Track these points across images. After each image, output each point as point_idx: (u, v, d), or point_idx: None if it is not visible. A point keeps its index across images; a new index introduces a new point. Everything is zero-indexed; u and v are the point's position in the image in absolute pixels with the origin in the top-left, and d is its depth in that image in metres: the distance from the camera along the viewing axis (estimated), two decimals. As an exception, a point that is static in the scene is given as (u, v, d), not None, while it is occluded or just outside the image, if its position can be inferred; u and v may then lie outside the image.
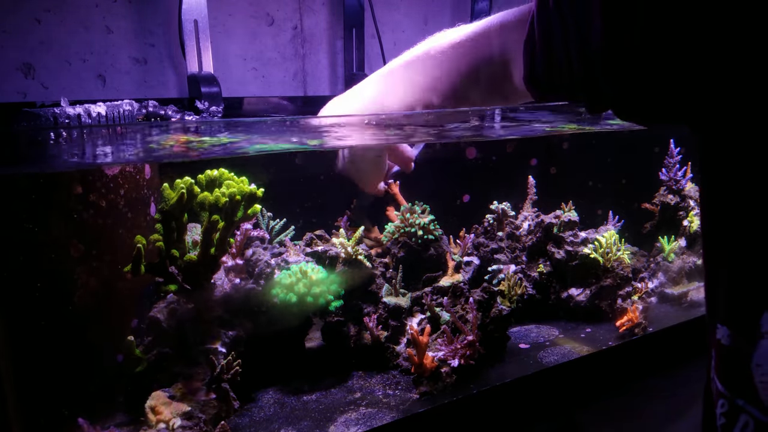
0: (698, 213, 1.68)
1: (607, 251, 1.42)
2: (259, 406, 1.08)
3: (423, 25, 1.73)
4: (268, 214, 1.36)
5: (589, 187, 1.96)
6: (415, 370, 1.11)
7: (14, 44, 1.23)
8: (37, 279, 0.94)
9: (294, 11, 1.56)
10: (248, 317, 1.10)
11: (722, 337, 0.47)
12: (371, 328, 1.19)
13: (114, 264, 1.01)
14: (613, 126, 0.91)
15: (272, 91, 1.55)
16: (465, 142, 1.62)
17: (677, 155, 1.70)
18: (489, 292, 1.20)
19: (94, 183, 1.00)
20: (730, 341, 0.46)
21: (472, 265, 1.43)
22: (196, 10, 1.34)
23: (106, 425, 0.94)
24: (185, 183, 0.99)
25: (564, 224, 1.46)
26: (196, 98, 1.28)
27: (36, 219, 0.93)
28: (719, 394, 0.48)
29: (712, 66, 0.43)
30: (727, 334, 0.46)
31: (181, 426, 0.89)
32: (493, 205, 1.53)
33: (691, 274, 1.62)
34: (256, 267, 1.15)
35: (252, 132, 0.75)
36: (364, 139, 0.84)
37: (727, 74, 0.42)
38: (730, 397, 0.46)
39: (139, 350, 1.01)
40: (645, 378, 1.30)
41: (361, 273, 1.24)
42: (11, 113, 1.12)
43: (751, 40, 0.39)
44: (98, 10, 1.30)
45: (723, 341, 0.47)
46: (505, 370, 1.18)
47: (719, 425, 0.48)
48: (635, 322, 1.31)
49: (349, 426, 1.00)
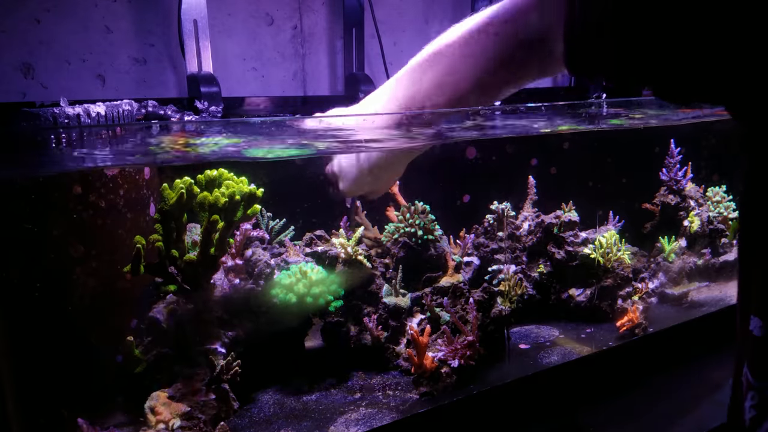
0: (698, 213, 1.68)
1: (608, 251, 1.41)
2: (258, 406, 1.08)
3: (423, 25, 1.73)
4: (267, 215, 1.35)
5: (589, 187, 1.96)
6: (415, 371, 1.11)
7: (14, 44, 1.23)
8: (37, 279, 0.94)
9: (294, 11, 1.55)
10: (248, 317, 1.10)
11: (755, 328, 0.46)
12: (371, 329, 1.19)
13: (113, 264, 1.01)
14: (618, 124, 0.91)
15: (272, 91, 1.55)
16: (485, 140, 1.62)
17: (677, 155, 1.69)
18: (489, 293, 1.20)
19: (94, 183, 1.00)
20: (762, 332, 0.45)
21: (472, 266, 1.43)
22: (196, 10, 1.34)
23: (106, 425, 0.94)
24: (185, 183, 0.99)
25: (564, 224, 1.46)
26: (195, 98, 1.27)
27: (36, 219, 0.93)
28: (749, 386, 0.47)
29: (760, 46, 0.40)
30: (760, 325, 0.46)
31: (181, 426, 0.89)
32: (493, 205, 1.53)
33: (692, 274, 1.62)
34: (256, 267, 1.15)
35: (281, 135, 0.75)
36: (405, 141, 0.81)
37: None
38: (761, 388, 0.46)
39: (139, 350, 1.01)
40: (645, 378, 1.30)
41: (361, 273, 1.24)
42: (11, 113, 1.12)
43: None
44: (98, 10, 1.30)
45: (756, 332, 0.46)
46: (505, 370, 1.17)
47: (748, 418, 0.47)
48: (635, 323, 1.31)
49: (349, 426, 1.00)
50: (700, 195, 1.74)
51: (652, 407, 1.22)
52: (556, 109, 0.91)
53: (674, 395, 1.25)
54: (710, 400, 1.24)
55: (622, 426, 1.16)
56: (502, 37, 0.66)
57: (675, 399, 1.24)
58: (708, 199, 1.75)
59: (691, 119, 1.18)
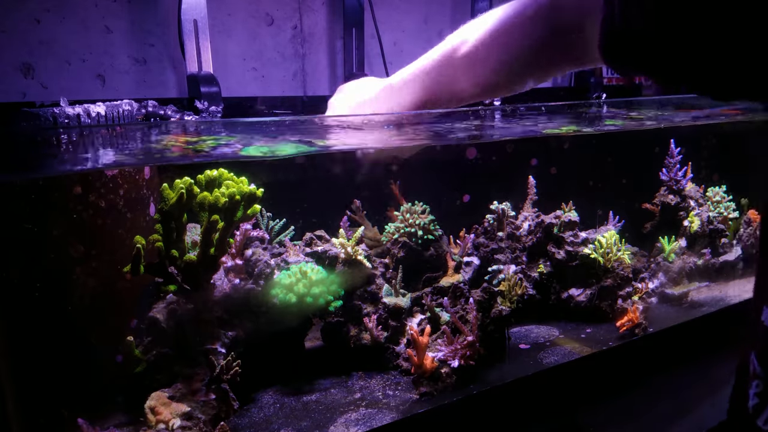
0: (698, 213, 1.68)
1: (608, 251, 1.41)
2: (258, 406, 1.08)
3: (423, 25, 1.73)
4: (267, 215, 1.35)
5: (589, 187, 1.96)
6: (414, 371, 1.11)
7: (14, 44, 1.22)
8: (37, 279, 0.94)
9: (294, 11, 1.55)
10: (248, 317, 1.10)
11: (767, 319, 0.46)
12: (371, 329, 1.19)
13: (113, 264, 1.01)
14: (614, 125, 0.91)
15: (272, 91, 1.55)
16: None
17: (677, 155, 1.69)
18: (489, 293, 1.20)
19: (94, 183, 1.00)
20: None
21: (472, 266, 1.43)
22: (196, 10, 1.33)
23: (106, 425, 0.94)
24: (185, 183, 0.98)
25: (564, 224, 1.45)
26: (195, 98, 1.27)
27: (36, 219, 0.93)
28: (755, 375, 0.47)
29: None
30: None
31: (181, 426, 0.89)
32: (493, 205, 1.53)
33: (692, 274, 1.62)
34: (256, 267, 1.15)
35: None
36: None
37: None
38: (767, 377, 0.46)
39: (139, 350, 1.01)
40: (645, 378, 1.30)
41: (360, 273, 1.24)
42: (11, 113, 1.11)
43: None
44: (97, 10, 1.30)
45: (767, 323, 0.46)
46: (505, 371, 1.17)
47: (751, 406, 0.47)
48: (635, 323, 1.31)
49: (348, 426, 1.00)
50: (700, 195, 1.74)
51: (652, 407, 1.22)
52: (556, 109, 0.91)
53: (674, 395, 1.26)
54: (710, 400, 1.24)
55: (622, 426, 1.16)
56: (537, 22, 0.63)
57: (675, 399, 1.24)
58: (708, 199, 1.75)
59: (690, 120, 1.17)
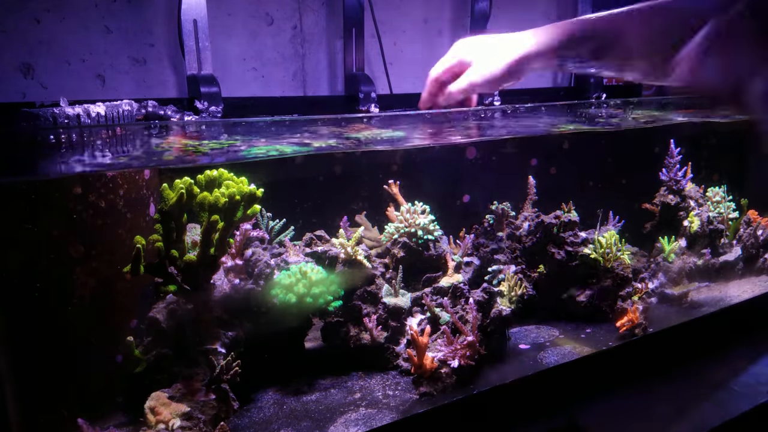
0: (698, 213, 1.68)
1: (607, 251, 1.41)
2: (258, 406, 1.08)
3: (423, 25, 1.73)
4: (267, 215, 1.35)
5: (589, 187, 1.96)
6: (414, 371, 1.11)
7: (14, 44, 1.22)
8: (37, 279, 0.94)
9: (293, 11, 1.55)
10: (248, 318, 1.10)
11: None
12: (371, 329, 1.19)
13: (113, 264, 1.01)
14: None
15: (272, 91, 1.55)
16: None
17: (677, 155, 1.69)
18: (489, 293, 1.20)
19: (94, 183, 1.00)
20: None
21: (472, 266, 1.43)
22: (196, 10, 1.33)
23: (105, 425, 0.94)
24: (184, 183, 0.98)
25: (564, 224, 1.45)
26: (195, 98, 1.27)
27: (36, 219, 0.93)
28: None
29: None
30: None
31: (181, 426, 0.89)
32: (493, 205, 1.53)
33: (692, 274, 1.62)
34: (256, 267, 1.15)
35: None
36: None
37: None
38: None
39: (139, 351, 1.01)
40: (645, 378, 1.30)
41: (360, 273, 1.24)
42: (10, 113, 1.11)
43: None
44: (97, 10, 1.30)
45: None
46: (505, 371, 1.17)
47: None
48: (635, 323, 1.31)
49: (348, 426, 1.00)
50: (700, 195, 1.74)
51: (652, 407, 1.22)
52: (556, 108, 0.91)
53: (674, 395, 1.25)
54: (710, 400, 1.24)
55: (622, 426, 1.16)
56: (672, 13, 0.63)
57: (675, 399, 1.24)
58: (708, 199, 1.75)
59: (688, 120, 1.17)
